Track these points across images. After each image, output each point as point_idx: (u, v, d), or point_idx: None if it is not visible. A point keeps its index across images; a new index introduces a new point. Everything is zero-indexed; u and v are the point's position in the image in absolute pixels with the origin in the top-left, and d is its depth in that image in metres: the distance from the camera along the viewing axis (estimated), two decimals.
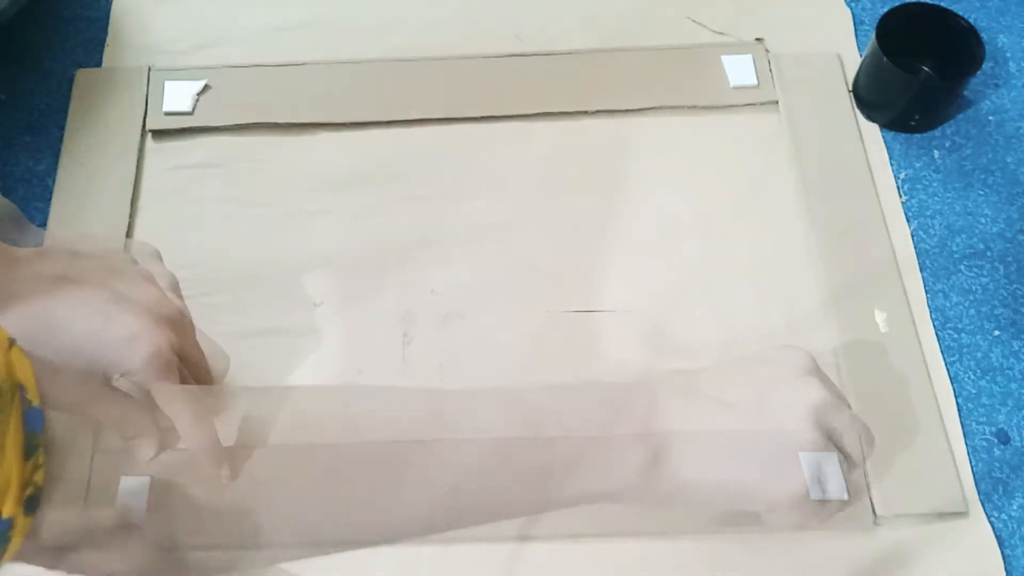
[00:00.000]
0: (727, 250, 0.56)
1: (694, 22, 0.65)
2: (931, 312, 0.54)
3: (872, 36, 0.59)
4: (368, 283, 0.55)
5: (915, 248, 0.56)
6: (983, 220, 0.58)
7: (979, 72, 0.58)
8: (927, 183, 0.59)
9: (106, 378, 0.41)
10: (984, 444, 0.50)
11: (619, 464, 0.37)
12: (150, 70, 0.61)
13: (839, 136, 0.60)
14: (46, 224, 0.56)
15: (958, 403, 0.51)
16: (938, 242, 0.57)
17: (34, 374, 0.27)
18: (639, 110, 0.61)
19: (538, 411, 0.37)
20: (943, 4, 0.60)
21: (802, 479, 0.37)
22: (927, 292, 0.55)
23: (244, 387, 0.39)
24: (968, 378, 0.52)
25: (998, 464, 0.50)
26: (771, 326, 0.54)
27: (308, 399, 0.35)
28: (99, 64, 0.63)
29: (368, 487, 0.34)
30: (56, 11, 0.65)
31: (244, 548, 0.34)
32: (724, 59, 0.62)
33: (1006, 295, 0.55)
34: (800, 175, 0.58)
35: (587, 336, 0.53)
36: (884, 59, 0.57)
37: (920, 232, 0.57)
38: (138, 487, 0.48)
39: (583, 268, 0.55)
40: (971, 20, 0.59)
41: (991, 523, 0.48)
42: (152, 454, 0.46)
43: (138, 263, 0.46)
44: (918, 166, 0.60)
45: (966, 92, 0.62)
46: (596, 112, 0.61)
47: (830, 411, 0.38)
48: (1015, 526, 0.48)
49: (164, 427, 0.44)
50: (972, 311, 0.55)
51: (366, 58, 0.63)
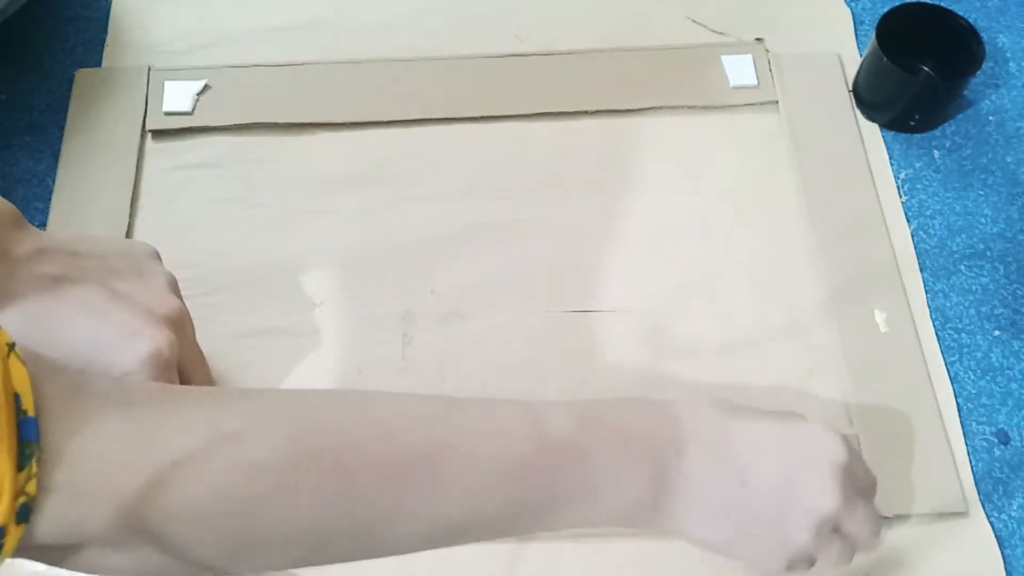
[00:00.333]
0: (727, 250, 0.56)
1: (694, 22, 0.65)
2: (931, 312, 0.54)
3: (872, 36, 0.59)
4: (368, 283, 0.55)
5: (915, 248, 0.56)
6: (983, 220, 0.58)
7: (979, 72, 0.58)
8: (927, 183, 0.59)
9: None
10: (984, 444, 0.50)
11: (622, 493, 0.36)
12: (150, 70, 0.61)
13: (839, 136, 0.60)
14: (46, 224, 0.56)
15: (958, 403, 0.51)
16: (938, 242, 0.57)
17: (32, 378, 0.27)
18: (639, 110, 0.61)
19: (553, 432, 0.36)
20: (943, 4, 0.60)
21: (783, 566, 0.38)
22: (927, 292, 0.55)
23: (242, 389, 0.38)
24: (968, 378, 0.52)
25: (998, 464, 0.50)
26: (771, 326, 0.54)
27: (310, 405, 0.34)
28: (99, 64, 0.63)
29: (370, 502, 0.33)
30: (56, 11, 0.65)
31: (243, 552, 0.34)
32: (724, 59, 0.62)
33: (1006, 295, 0.55)
34: (800, 175, 0.58)
35: (587, 336, 0.53)
36: (884, 59, 0.57)
37: (920, 232, 0.57)
38: None
39: (583, 268, 0.55)
40: (971, 20, 0.59)
41: (991, 523, 0.48)
42: None
43: (155, 258, 0.46)
44: (918, 166, 0.60)
45: (966, 92, 0.62)
46: (596, 112, 0.61)
47: (841, 518, 0.37)
48: (1015, 526, 0.48)
49: None
50: (972, 311, 0.55)
51: (366, 58, 0.63)
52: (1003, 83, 0.63)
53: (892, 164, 0.60)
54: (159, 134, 0.60)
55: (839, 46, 0.64)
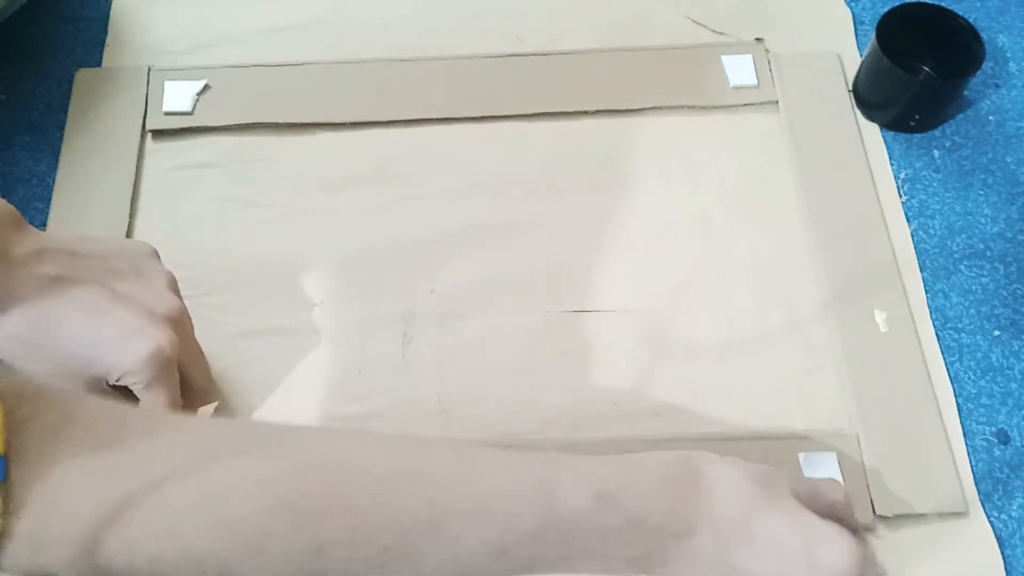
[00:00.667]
0: (727, 250, 0.56)
1: (694, 22, 0.65)
2: (931, 312, 0.54)
3: (872, 36, 0.59)
4: (368, 283, 0.55)
5: (915, 248, 0.56)
6: (983, 220, 0.58)
7: (979, 72, 0.58)
8: (927, 183, 0.59)
9: (107, 380, 0.41)
10: (984, 444, 0.50)
11: (604, 568, 0.35)
12: (150, 70, 0.61)
13: (839, 136, 0.60)
14: (46, 224, 0.56)
15: (958, 403, 0.51)
16: (938, 242, 0.57)
17: (3, 418, 0.26)
18: (639, 110, 0.61)
19: (562, 517, 0.33)
20: (943, 4, 0.60)
21: None
22: (927, 292, 0.55)
23: (238, 428, 0.36)
24: (968, 378, 0.52)
25: (998, 464, 0.50)
26: (771, 326, 0.54)
27: (303, 452, 0.32)
28: (99, 64, 0.63)
29: (354, 562, 0.31)
30: (56, 11, 0.65)
31: None
32: (724, 59, 0.62)
33: (1006, 295, 0.55)
34: (800, 175, 0.58)
35: (587, 336, 0.53)
36: (884, 59, 0.57)
37: (920, 232, 0.57)
38: None
39: (583, 268, 0.55)
40: (971, 20, 0.59)
41: (991, 523, 0.48)
42: None
43: (155, 258, 0.45)
44: (918, 166, 0.60)
45: (966, 92, 0.62)
46: (596, 112, 0.61)
47: None
48: (1015, 526, 0.48)
49: None
50: (972, 311, 0.55)
51: (366, 58, 0.63)
52: (1003, 83, 0.63)
53: (892, 164, 0.60)
54: (159, 134, 0.60)
55: (839, 46, 0.64)
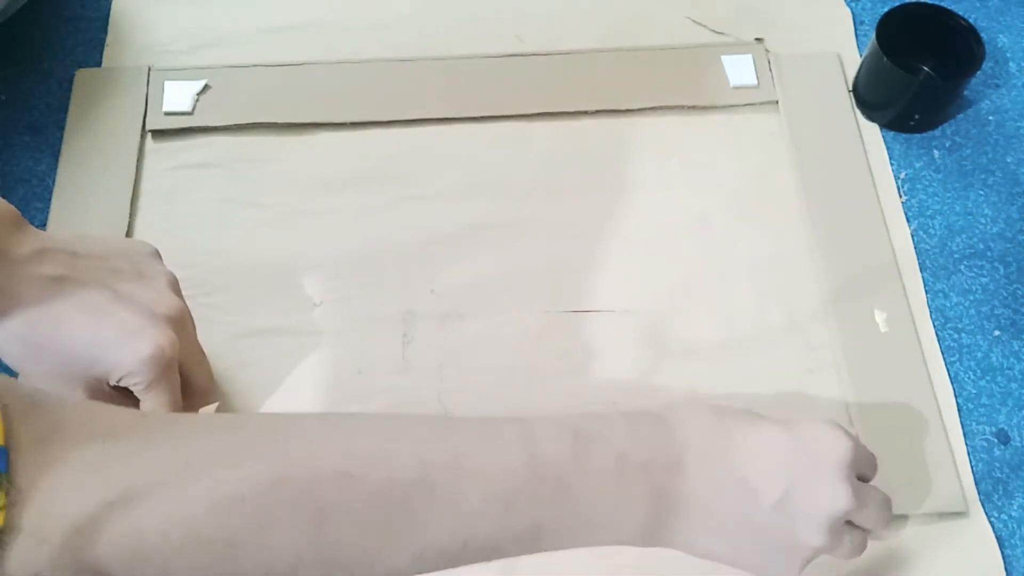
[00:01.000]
0: (727, 250, 0.56)
1: (694, 22, 0.65)
2: (931, 312, 0.54)
3: (872, 36, 0.59)
4: (368, 283, 0.55)
5: (915, 248, 0.56)
6: (983, 220, 0.58)
7: (979, 72, 0.58)
8: (927, 183, 0.59)
9: (108, 380, 0.41)
10: (984, 444, 0.50)
11: (621, 524, 0.36)
12: (150, 70, 0.61)
13: (839, 136, 0.60)
14: (46, 224, 0.56)
15: (958, 403, 0.51)
16: (938, 242, 0.57)
17: (5, 415, 0.27)
18: (639, 110, 0.61)
19: (548, 461, 0.34)
20: (943, 4, 0.60)
21: (798, 570, 0.37)
22: (927, 292, 0.55)
23: (224, 419, 0.36)
24: (968, 378, 0.52)
25: (998, 464, 0.50)
26: (771, 326, 0.54)
27: (292, 436, 0.33)
28: (99, 64, 0.63)
29: (359, 530, 0.32)
30: (56, 11, 0.65)
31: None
32: (724, 59, 0.62)
33: (1006, 295, 0.55)
34: (800, 175, 0.58)
35: (587, 336, 0.53)
36: (884, 59, 0.57)
37: (920, 232, 0.57)
38: None
39: (583, 268, 0.55)
40: (971, 20, 0.59)
41: (991, 523, 0.48)
42: None
43: (155, 257, 0.46)
44: (918, 166, 0.60)
45: (966, 92, 0.62)
46: (596, 112, 0.61)
47: (853, 513, 0.37)
48: (1015, 526, 0.48)
49: None
50: (972, 311, 0.55)
51: (366, 58, 0.62)
52: (1003, 83, 0.63)
53: (892, 164, 0.60)
54: (159, 134, 0.60)
55: (839, 46, 0.64)
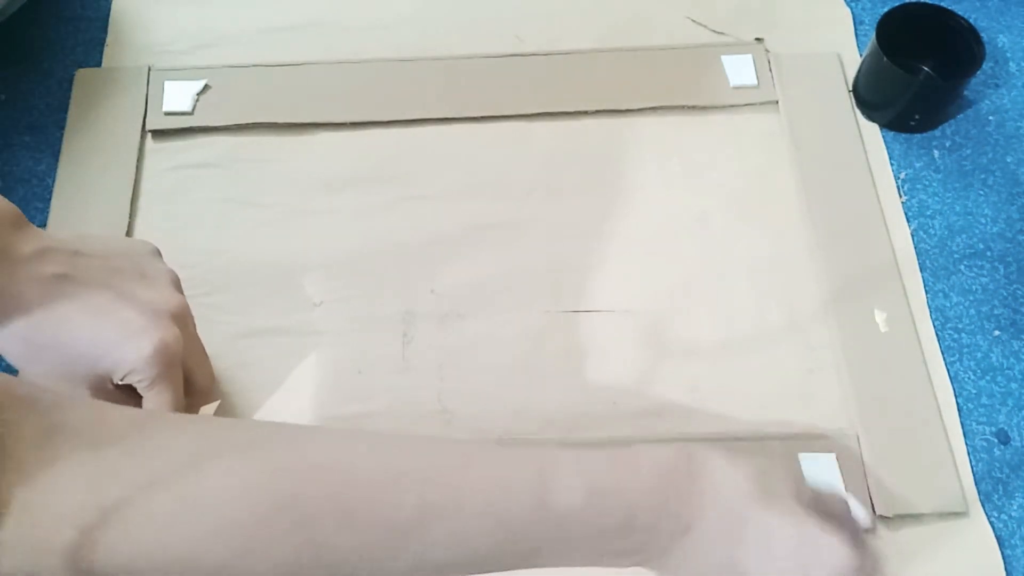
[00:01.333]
0: (727, 250, 0.56)
1: (694, 22, 0.65)
2: (931, 312, 0.54)
3: (872, 36, 0.59)
4: (368, 283, 0.55)
5: (915, 248, 0.56)
6: (983, 220, 0.58)
7: (979, 72, 0.58)
8: (927, 183, 0.59)
9: (111, 378, 0.41)
10: (984, 444, 0.50)
11: (616, 563, 0.35)
12: (150, 70, 0.61)
13: (839, 136, 0.60)
14: (46, 224, 0.56)
15: (958, 403, 0.51)
16: (938, 242, 0.57)
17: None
18: (639, 110, 0.61)
19: (557, 511, 0.33)
20: (943, 4, 0.60)
21: None
22: (927, 292, 0.55)
23: (227, 427, 0.36)
24: (968, 378, 0.52)
25: (998, 464, 0.50)
26: (771, 326, 0.54)
27: (297, 455, 0.32)
28: (99, 64, 0.63)
29: (354, 555, 0.31)
30: (56, 11, 0.65)
31: None
32: (724, 59, 0.62)
33: (1006, 295, 0.55)
34: (800, 175, 0.58)
35: (587, 336, 0.53)
36: (884, 59, 0.57)
37: (920, 232, 0.57)
38: None
39: (583, 268, 0.55)
40: (971, 20, 0.59)
41: (991, 523, 0.48)
42: None
43: (156, 256, 0.46)
44: (918, 166, 0.60)
45: (966, 92, 0.62)
46: (596, 112, 0.61)
47: None
48: (1015, 526, 0.48)
49: None
50: (972, 311, 0.55)
51: (366, 58, 0.63)
52: (1003, 83, 0.63)
53: (892, 164, 0.60)
54: (159, 134, 0.60)
55: (839, 46, 0.64)
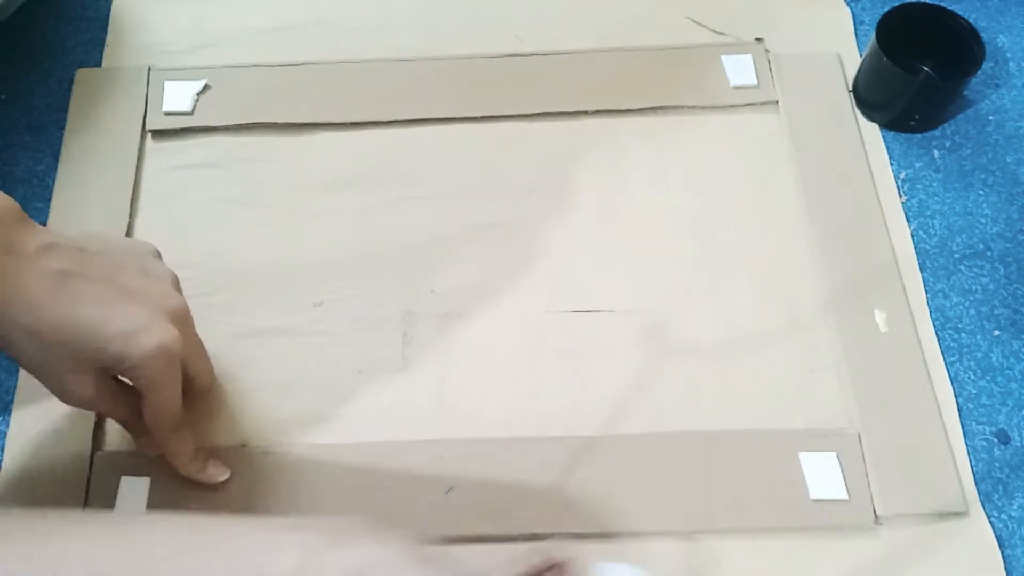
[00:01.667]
0: (727, 250, 0.56)
1: (694, 22, 0.65)
2: (931, 312, 0.54)
3: (872, 36, 0.59)
4: (368, 283, 0.55)
5: (915, 248, 0.56)
6: (983, 220, 0.58)
7: (979, 72, 0.58)
8: (927, 183, 0.59)
9: (113, 370, 0.41)
10: (984, 444, 0.50)
11: None
12: (150, 70, 0.61)
13: (839, 136, 0.60)
14: (46, 224, 0.56)
15: (958, 403, 0.51)
16: (938, 242, 0.57)
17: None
18: (639, 110, 0.61)
19: None
20: (943, 4, 0.60)
21: None
22: (927, 292, 0.55)
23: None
24: (968, 378, 0.52)
25: (998, 464, 0.50)
26: (771, 326, 0.54)
27: None
28: (99, 64, 0.63)
29: None
30: (56, 11, 0.65)
31: None
32: (724, 59, 0.62)
33: (1006, 295, 0.55)
34: (800, 175, 0.58)
35: (587, 336, 0.53)
36: (884, 59, 0.57)
37: (920, 232, 0.57)
38: (138, 487, 0.48)
39: (583, 268, 0.55)
40: (971, 20, 0.59)
41: (991, 523, 0.48)
42: (156, 452, 0.47)
43: (157, 257, 0.46)
44: (918, 166, 0.60)
45: (966, 92, 0.62)
46: (596, 112, 0.61)
47: None
48: (1015, 526, 0.48)
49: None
50: (972, 311, 0.55)
51: (366, 58, 0.63)
52: (1003, 83, 0.63)
53: (892, 164, 0.60)
54: (159, 134, 0.60)
55: (839, 46, 0.64)
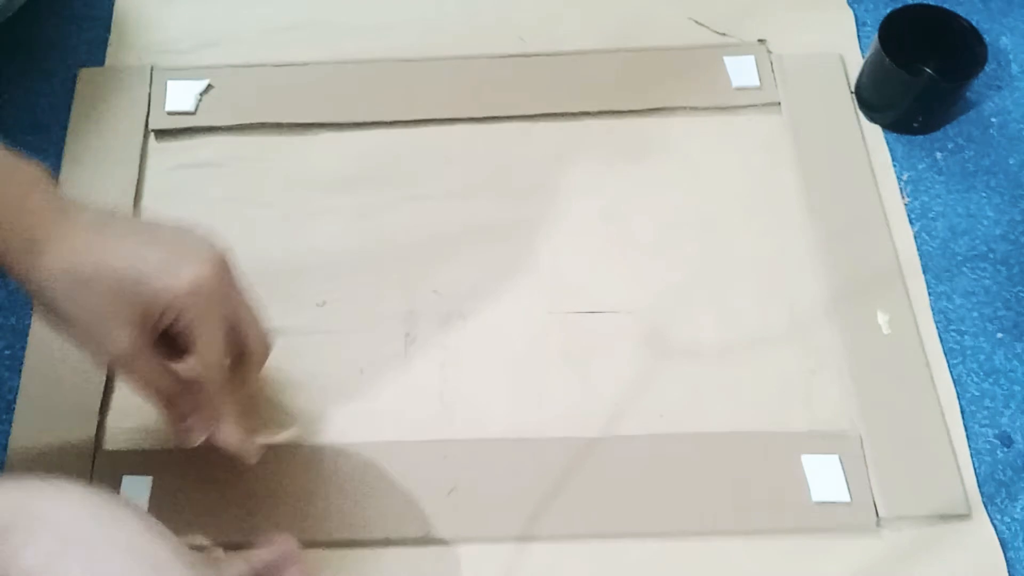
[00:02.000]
0: (728, 251, 0.56)
1: (696, 23, 0.65)
2: (934, 314, 0.54)
3: (875, 37, 0.59)
4: (370, 283, 0.55)
5: (918, 250, 0.56)
6: (986, 222, 0.58)
7: (981, 74, 0.58)
8: (930, 185, 0.59)
9: (153, 313, 0.41)
10: (987, 446, 0.50)
11: None
12: (153, 69, 0.61)
13: (841, 137, 0.60)
14: None
15: (961, 405, 0.51)
16: (941, 244, 0.57)
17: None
18: (641, 111, 0.61)
19: None
20: (946, 5, 0.60)
21: None
22: (930, 294, 0.55)
23: None
24: (971, 380, 0.52)
25: (1001, 466, 0.50)
26: (773, 327, 0.53)
27: None
28: (102, 63, 0.63)
29: None
30: (59, 10, 0.65)
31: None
32: (726, 60, 0.62)
33: (1009, 297, 0.55)
34: (802, 176, 0.58)
35: (588, 336, 0.53)
36: (887, 60, 0.57)
37: (923, 234, 0.57)
38: (140, 486, 0.48)
39: (585, 268, 0.55)
40: (973, 21, 0.59)
41: (994, 525, 0.48)
42: (201, 439, 0.45)
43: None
44: (921, 168, 0.60)
45: (968, 94, 0.62)
46: (598, 113, 0.61)
47: None
48: (1018, 528, 0.48)
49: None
50: (975, 313, 0.55)
51: (368, 58, 0.63)
52: (1005, 85, 0.63)
53: (895, 166, 0.60)
54: (162, 133, 0.60)
55: (841, 47, 0.64)
